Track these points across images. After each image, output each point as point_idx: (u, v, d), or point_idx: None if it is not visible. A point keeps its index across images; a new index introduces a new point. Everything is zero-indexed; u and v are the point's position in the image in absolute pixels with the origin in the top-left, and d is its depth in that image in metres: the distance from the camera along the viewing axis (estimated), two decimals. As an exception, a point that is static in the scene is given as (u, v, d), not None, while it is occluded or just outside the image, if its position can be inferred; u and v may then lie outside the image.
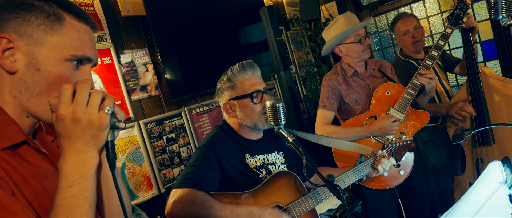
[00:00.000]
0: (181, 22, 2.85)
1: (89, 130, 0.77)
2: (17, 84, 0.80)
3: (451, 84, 3.62)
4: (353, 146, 1.92)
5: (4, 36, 0.78)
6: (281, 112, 1.36)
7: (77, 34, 0.83)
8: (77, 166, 0.77)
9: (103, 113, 0.77)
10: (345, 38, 2.28)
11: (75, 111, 0.75)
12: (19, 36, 0.79)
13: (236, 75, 1.69)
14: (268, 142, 1.81)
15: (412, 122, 2.23)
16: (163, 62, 2.69)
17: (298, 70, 3.95)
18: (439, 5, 3.58)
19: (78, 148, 0.77)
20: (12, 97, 0.81)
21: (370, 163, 1.83)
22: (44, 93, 0.81)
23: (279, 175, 1.64)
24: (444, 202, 2.72)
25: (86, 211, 0.75)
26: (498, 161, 1.16)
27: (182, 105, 2.89)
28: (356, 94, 2.29)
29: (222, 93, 1.73)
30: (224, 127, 1.76)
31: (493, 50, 3.38)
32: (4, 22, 0.79)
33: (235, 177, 1.63)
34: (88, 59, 0.86)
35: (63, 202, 0.73)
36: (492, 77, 2.39)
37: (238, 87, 1.68)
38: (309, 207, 1.63)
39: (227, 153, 1.65)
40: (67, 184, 0.75)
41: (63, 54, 0.81)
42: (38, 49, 0.80)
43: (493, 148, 2.37)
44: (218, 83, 1.75)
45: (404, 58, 2.73)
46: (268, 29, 2.67)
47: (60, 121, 0.76)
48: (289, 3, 3.99)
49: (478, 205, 1.04)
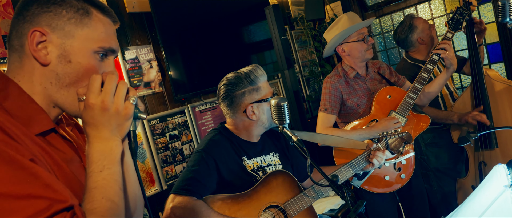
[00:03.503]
0: (186, 19, 2.85)
1: (115, 119, 0.80)
2: (49, 76, 0.83)
3: (456, 86, 3.60)
4: (347, 142, 1.92)
5: (37, 29, 0.81)
6: (286, 111, 1.36)
7: (103, 27, 0.88)
8: (105, 153, 0.80)
9: (129, 103, 0.82)
10: (349, 37, 2.26)
11: (103, 100, 0.79)
12: (52, 29, 0.82)
13: (259, 78, 1.70)
14: (264, 144, 1.81)
15: (413, 126, 2.22)
16: (167, 59, 2.69)
17: (302, 70, 3.94)
18: (445, 7, 3.56)
19: (104, 136, 0.81)
20: (42, 88, 0.84)
21: (365, 156, 1.81)
22: (73, 84, 0.84)
23: (274, 175, 1.65)
24: (446, 204, 2.71)
25: (118, 194, 0.79)
26: (503, 164, 1.15)
27: (186, 102, 2.89)
28: (358, 98, 2.27)
29: (243, 96, 1.68)
30: (221, 130, 1.76)
31: (498, 53, 3.37)
32: (36, 16, 0.82)
33: (232, 180, 1.64)
34: (113, 51, 0.90)
35: (96, 185, 0.77)
36: (497, 80, 2.38)
37: (262, 90, 1.70)
38: (305, 205, 1.64)
39: (225, 156, 1.66)
40: (97, 169, 0.79)
41: (92, 46, 0.85)
42: (69, 41, 0.83)
43: (496, 151, 2.36)
44: (232, 86, 1.69)
45: (412, 61, 2.68)
46: (273, 28, 2.66)
47: (89, 110, 0.79)
48: (293, 2, 3.98)
49: (483, 208, 1.04)
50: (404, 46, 2.72)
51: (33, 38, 0.81)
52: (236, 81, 1.69)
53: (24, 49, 0.83)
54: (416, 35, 2.63)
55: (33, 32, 0.81)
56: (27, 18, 0.82)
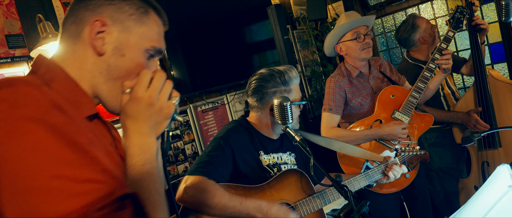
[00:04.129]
0: (189, 19, 2.85)
1: (156, 116, 0.81)
2: (100, 66, 0.84)
3: (457, 86, 3.59)
4: (364, 153, 1.91)
5: (99, 19, 0.83)
6: (289, 111, 1.36)
7: (157, 28, 0.90)
8: (144, 147, 0.81)
9: (171, 103, 0.84)
10: (344, 35, 2.24)
11: (151, 95, 0.80)
12: (113, 21, 0.84)
13: (293, 80, 1.70)
14: (282, 142, 1.82)
15: (417, 125, 2.22)
16: (169, 58, 2.69)
17: (304, 69, 3.94)
18: (447, 6, 3.56)
19: (143, 131, 0.81)
20: (91, 76, 0.85)
21: (381, 169, 1.82)
22: (121, 78, 0.85)
23: (289, 173, 1.65)
24: (449, 204, 2.70)
25: (161, 186, 0.81)
26: (507, 165, 1.15)
27: (188, 102, 2.89)
28: (361, 98, 2.25)
29: (274, 94, 1.68)
30: (242, 122, 1.76)
31: (501, 53, 3.36)
32: (98, 6, 0.84)
33: (246, 173, 1.64)
34: (160, 52, 0.93)
35: (141, 177, 0.79)
36: (500, 80, 2.38)
37: (293, 92, 1.70)
38: (316, 207, 1.63)
39: (242, 148, 1.66)
40: (139, 163, 0.80)
41: (145, 45, 0.87)
42: (126, 36, 0.85)
43: (499, 151, 2.35)
44: (266, 82, 1.69)
45: (413, 61, 2.68)
46: (275, 28, 2.66)
47: (135, 103, 0.80)
48: (295, 2, 3.98)
49: (486, 208, 1.03)
50: (405, 45, 2.71)
51: (95, 27, 0.82)
52: (269, 78, 1.68)
53: (81, 36, 0.84)
54: (419, 35, 2.61)
55: (95, 21, 0.82)
56: (90, 7, 0.84)
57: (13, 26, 2.13)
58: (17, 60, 2.12)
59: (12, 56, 2.11)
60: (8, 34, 2.10)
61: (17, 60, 2.12)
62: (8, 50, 2.09)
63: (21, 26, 2.16)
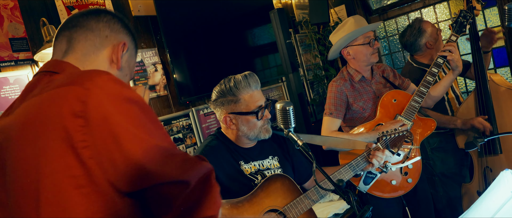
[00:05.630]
0: (191, 22, 2.86)
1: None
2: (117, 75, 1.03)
3: (461, 90, 3.59)
4: (347, 142, 1.90)
5: (125, 42, 1.03)
6: (291, 115, 1.36)
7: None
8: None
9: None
10: (354, 40, 2.25)
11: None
12: (128, 46, 1.05)
13: (240, 90, 1.62)
14: (261, 148, 1.79)
15: (419, 130, 2.21)
16: (172, 62, 2.70)
17: (306, 73, 3.95)
18: (450, 11, 3.56)
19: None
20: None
21: (364, 157, 1.78)
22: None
23: (272, 179, 1.63)
24: (452, 210, 2.69)
25: None
26: (510, 170, 1.15)
27: (190, 105, 2.90)
28: (363, 102, 2.25)
29: (223, 105, 1.66)
30: (218, 135, 1.74)
31: (503, 57, 3.36)
32: (119, 33, 1.04)
33: (230, 186, 1.62)
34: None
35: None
36: (501, 85, 2.37)
37: (242, 102, 1.62)
38: (305, 208, 1.62)
39: (222, 162, 1.64)
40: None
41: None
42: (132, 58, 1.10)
43: (501, 157, 2.34)
44: (217, 92, 1.68)
45: (417, 65, 2.66)
46: (277, 31, 2.67)
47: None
48: (298, 6, 3.99)
49: (490, 213, 1.03)
50: (411, 49, 2.70)
51: (123, 49, 1.01)
52: (219, 88, 1.67)
53: (108, 48, 0.98)
54: (425, 39, 2.60)
55: (124, 44, 1.00)
56: (114, 31, 1.01)
57: (17, 29, 2.14)
58: (21, 64, 2.14)
59: (16, 59, 2.12)
60: (12, 37, 2.11)
61: (21, 63, 2.14)
62: (12, 54, 2.11)
63: (25, 30, 2.17)
